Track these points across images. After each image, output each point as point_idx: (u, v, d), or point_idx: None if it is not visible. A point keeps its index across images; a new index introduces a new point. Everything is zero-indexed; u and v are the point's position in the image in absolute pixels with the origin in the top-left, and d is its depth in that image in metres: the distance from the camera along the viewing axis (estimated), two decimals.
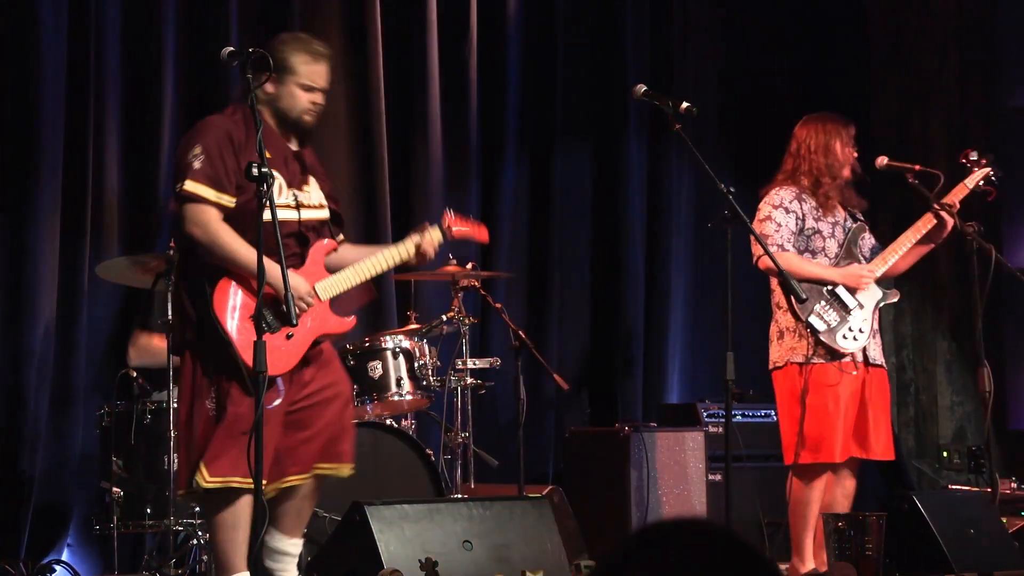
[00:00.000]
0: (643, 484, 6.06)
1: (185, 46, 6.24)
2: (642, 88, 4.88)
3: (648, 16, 7.71)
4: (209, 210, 4.00)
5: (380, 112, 6.70)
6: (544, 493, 5.50)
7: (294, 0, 6.54)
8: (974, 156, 5.51)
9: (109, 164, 6.03)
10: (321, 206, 4.27)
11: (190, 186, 4.00)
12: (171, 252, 5.27)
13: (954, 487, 6.95)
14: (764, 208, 5.35)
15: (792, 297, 5.14)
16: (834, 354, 5.25)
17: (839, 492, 5.32)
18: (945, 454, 7.83)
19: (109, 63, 6.06)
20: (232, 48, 3.97)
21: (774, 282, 5.36)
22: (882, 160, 5.53)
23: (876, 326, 5.40)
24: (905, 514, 5.15)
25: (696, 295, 7.77)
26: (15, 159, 5.80)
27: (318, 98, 4.21)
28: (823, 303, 5.27)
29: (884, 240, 5.58)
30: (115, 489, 5.22)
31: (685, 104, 4.77)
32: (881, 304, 5.40)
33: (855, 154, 5.43)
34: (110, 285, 5.84)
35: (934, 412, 8.02)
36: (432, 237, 4.42)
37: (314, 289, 4.16)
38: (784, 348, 5.32)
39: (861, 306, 5.31)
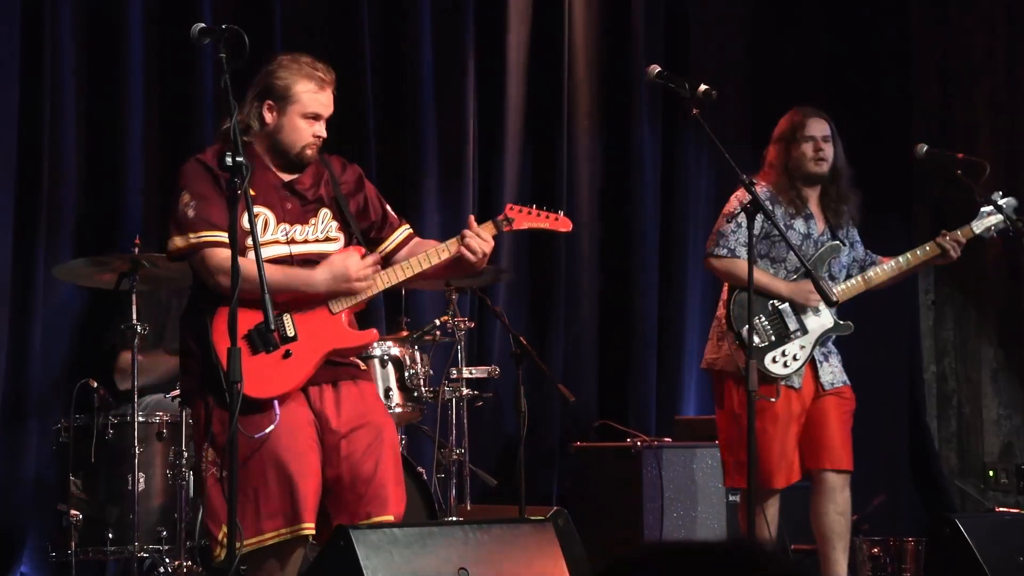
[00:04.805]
0: (656, 505, 6.05)
1: (152, 27, 6.21)
2: (656, 69, 4.87)
3: None
4: (221, 252, 3.96)
5: (367, 98, 6.68)
6: (548, 515, 5.49)
7: None
8: (996, 197, 5.40)
9: (66, 154, 6.01)
10: (327, 239, 4.19)
11: (193, 238, 4.01)
12: (135, 251, 5.28)
13: (1001, 509, 6.95)
14: (732, 202, 5.34)
15: (740, 303, 5.15)
16: (763, 375, 5.17)
17: (831, 509, 5.26)
18: (991, 473, 7.82)
19: (66, 45, 6.03)
20: (203, 24, 3.93)
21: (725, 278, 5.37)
22: (921, 148, 5.51)
23: (831, 347, 5.34)
24: (947, 539, 5.14)
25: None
26: None
27: (321, 129, 4.16)
28: (762, 317, 5.23)
29: (910, 236, 5.56)
30: (73, 512, 5.21)
31: (703, 87, 4.77)
32: (830, 336, 5.33)
33: (822, 148, 5.32)
34: (68, 287, 5.83)
35: (979, 426, 8.00)
36: (481, 232, 4.18)
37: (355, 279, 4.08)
38: (723, 352, 5.29)
39: (804, 331, 5.25)
